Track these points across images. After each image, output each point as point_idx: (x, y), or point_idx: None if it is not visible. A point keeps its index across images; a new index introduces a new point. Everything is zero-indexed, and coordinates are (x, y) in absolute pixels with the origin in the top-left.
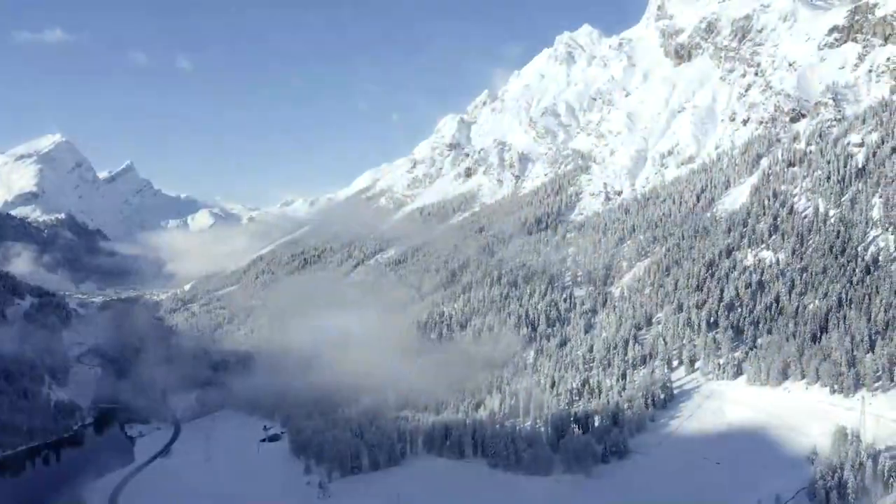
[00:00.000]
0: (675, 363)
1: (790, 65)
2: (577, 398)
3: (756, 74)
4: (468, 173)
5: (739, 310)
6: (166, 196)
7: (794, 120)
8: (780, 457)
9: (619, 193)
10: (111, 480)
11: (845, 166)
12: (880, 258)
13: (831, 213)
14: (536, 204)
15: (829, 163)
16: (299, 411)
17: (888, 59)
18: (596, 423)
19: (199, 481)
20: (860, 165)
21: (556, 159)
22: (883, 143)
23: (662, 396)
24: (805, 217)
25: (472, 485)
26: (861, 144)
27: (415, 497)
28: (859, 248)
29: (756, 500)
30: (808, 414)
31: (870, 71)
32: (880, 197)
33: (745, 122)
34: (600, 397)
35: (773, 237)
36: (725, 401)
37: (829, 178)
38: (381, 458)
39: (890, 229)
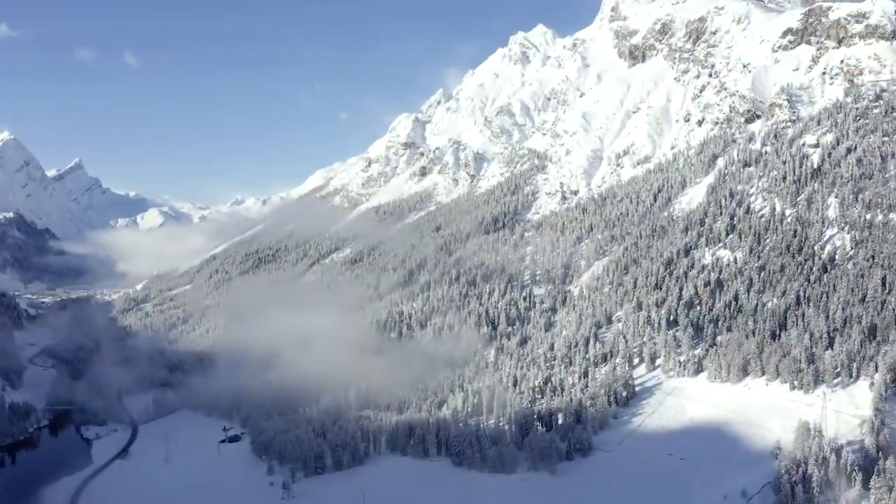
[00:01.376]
0: (635, 361)
1: (744, 66)
2: (539, 396)
3: (710, 76)
4: (423, 172)
5: (699, 308)
6: (115, 194)
7: (749, 121)
8: (743, 452)
9: (576, 193)
10: (70, 483)
11: (801, 167)
12: (837, 257)
13: (788, 212)
14: (493, 203)
15: (784, 163)
16: (259, 411)
17: (842, 61)
18: (559, 421)
19: (160, 483)
20: (816, 166)
21: (512, 159)
22: (838, 143)
23: (625, 394)
24: (762, 216)
25: (437, 483)
26: (816, 145)
27: (380, 496)
28: (816, 248)
29: (721, 494)
30: (768, 410)
31: (823, 73)
32: (836, 197)
33: (700, 123)
34: (563, 395)
35: (731, 236)
36: (687, 398)
37: (785, 178)
38: (344, 457)
39: (846, 229)
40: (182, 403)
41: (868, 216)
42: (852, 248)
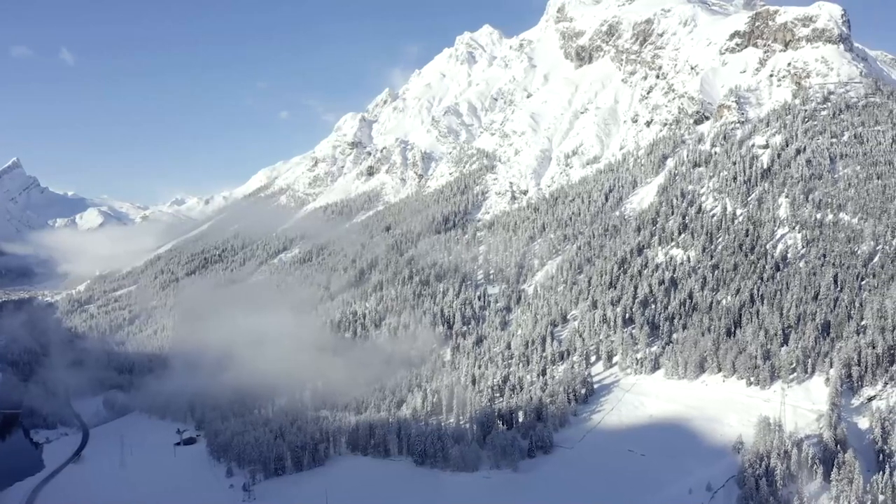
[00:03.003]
0: (592, 359)
1: (692, 68)
2: (498, 395)
3: (658, 77)
4: (371, 172)
5: (654, 306)
6: (54, 194)
7: (697, 122)
8: (703, 447)
9: (525, 193)
10: (22, 489)
11: (751, 167)
12: (789, 255)
13: (739, 212)
14: (443, 202)
15: (734, 164)
16: (214, 413)
17: (789, 64)
18: (520, 419)
19: (116, 488)
20: (765, 166)
21: (461, 158)
22: (787, 144)
23: (583, 391)
24: (713, 216)
25: (400, 483)
26: (765, 146)
27: (342, 497)
28: (768, 246)
29: (685, 489)
30: (726, 406)
31: (771, 75)
32: (786, 197)
33: (648, 124)
34: (522, 393)
35: (683, 235)
36: (645, 394)
37: (735, 178)
38: (304, 458)
39: (797, 228)
40: (133, 406)
41: (818, 216)
42: (804, 247)
